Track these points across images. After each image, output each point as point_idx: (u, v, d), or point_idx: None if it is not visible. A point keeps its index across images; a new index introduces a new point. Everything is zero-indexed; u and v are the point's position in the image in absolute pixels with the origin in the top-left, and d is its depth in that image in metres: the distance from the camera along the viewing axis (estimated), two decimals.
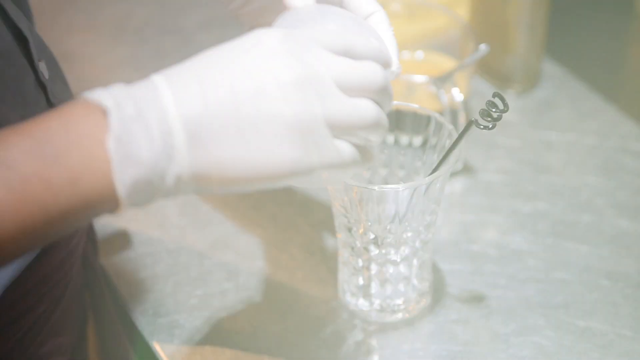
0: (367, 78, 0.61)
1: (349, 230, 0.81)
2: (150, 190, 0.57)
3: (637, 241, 0.92)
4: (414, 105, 0.83)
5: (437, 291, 0.88)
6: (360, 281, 0.84)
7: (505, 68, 1.07)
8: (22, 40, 0.68)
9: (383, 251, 0.82)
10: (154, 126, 0.56)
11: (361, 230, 0.81)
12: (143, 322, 0.87)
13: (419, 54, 1.05)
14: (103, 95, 0.57)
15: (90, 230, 0.87)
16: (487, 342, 0.84)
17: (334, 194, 0.80)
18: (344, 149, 0.61)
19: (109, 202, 0.57)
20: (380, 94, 0.62)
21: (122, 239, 0.94)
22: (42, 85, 0.70)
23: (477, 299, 0.87)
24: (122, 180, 0.56)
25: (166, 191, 0.58)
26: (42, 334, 0.76)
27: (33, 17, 0.74)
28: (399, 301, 0.85)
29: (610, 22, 1.20)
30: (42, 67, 0.70)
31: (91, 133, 0.56)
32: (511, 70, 1.07)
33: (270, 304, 0.88)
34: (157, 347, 0.85)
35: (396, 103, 0.83)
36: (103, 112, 0.56)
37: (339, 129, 0.60)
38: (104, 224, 0.96)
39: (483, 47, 0.96)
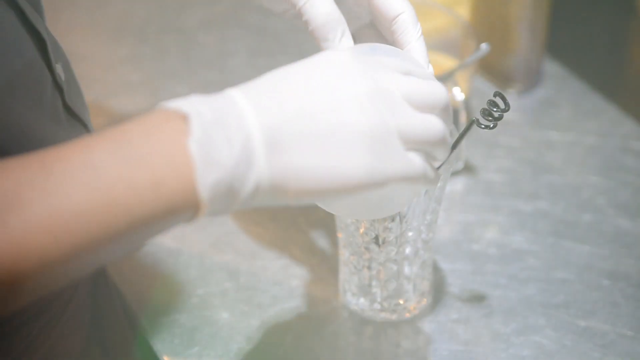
0: (434, 94, 0.63)
1: (350, 229, 0.81)
2: (230, 195, 0.57)
3: (638, 241, 0.92)
4: None
5: (438, 291, 0.88)
6: (361, 280, 0.84)
7: (506, 67, 1.07)
8: (40, 42, 0.68)
9: (384, 250, 0.81)
10: (234, 131, 0.57)
11: (362, 230, 0.81)
12: (143, 321, 0.87)
13: None
14: (181, 103, 0.57)
15: None
16: (488, 341, 0.84)
17: None
18: (416, 161, 0.62)
19: (190, 207, 0.57)
20: (444, 112, 0.64)
21: None
22: (58, 88, 0.70)
23: (477, 299, 0.87)
24: (205, 182, 0.56)
25: (244, 198, 0.58)
26: (52, 336, 0.75)
27: (45, 17, 0.74)
28: (400, 300, 0.85)
29: (610, 22, 1.20)
30: (59, 69, 0.71)
31: (172, 138, 0.56)
32: (512, 70, 1.07)
33: (270, 303, 0.88)
34: (157, 347, 0.85)
35: None
36: (183, 118, 0.56)
37: (410, 142, 0.61)
38: None
39: (484, 46, 0.96)
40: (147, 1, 1.25)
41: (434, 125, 0.63)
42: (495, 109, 0.70)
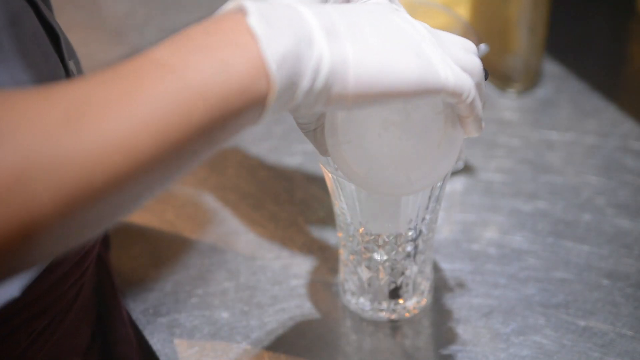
0: (474, 62, 0.65)
1: (350, 229, 0.81)
2: (295, 77, 0.56)
3: (638, 241, 0.92)
4: None
5: (438, 290, 0.88)
6: (361, 280, 0.84)
7: (505, 67, 1.07)
8: (53, 37, 0.68)
9: (383, 250, 0.81)
10: (291, 15, 0.56)
11: (361, 229, 0.81)
12: (143, 321, 0.87)
13: None
14: (236, 2, 0.57)
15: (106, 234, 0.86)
16: (488, 341, 0.84)
17: (334, 193, 0.80)
18: (464, 76, 0.62)
19: (261, 88, 0.55)
20: (480, 84, 0.65)
21: (123, 236, 0.94)
22: None
23: (477, 299, 0.87)
24: (271, 54, 0.55)
25: (306, 85, 0.56)
26: (56, 334, 0.75)
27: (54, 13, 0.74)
28: (400, 300, 0.85)
29: (610, 22, 1.20)
30: (72, 65, 0.70)
31: (232, 25, 0.55)
32: (511, 70, 1.07)
33: (270, 303, 0.88)
34: (158, 347, 0.85)
35: None
36: (239, 12, 0.56)
37: (455, 62, 0.63)
38: None
39: (483, 47, 0.96)
40: (147, 1, 1.25)
41: (477, 61, 0.64)
42: None
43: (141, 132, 0.52)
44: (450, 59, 0.62)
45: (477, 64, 0.64)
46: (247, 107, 0.56)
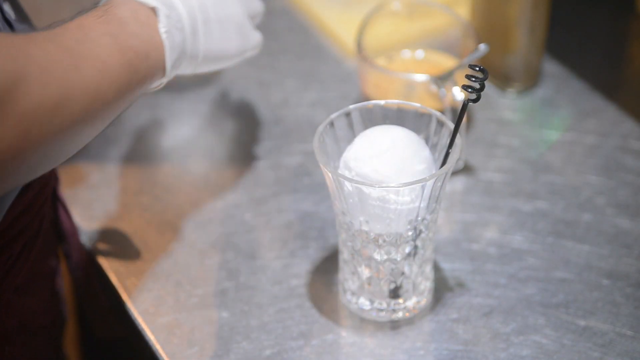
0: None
1: (349, 229, 0.81)
2: (177, 65, 0.81)
3: (638, 240, 0.92)
4: (414, 104, 0.83)
5: (438, 290, 0.88)
6: (361, 280, 0.84)
7: (505, 67, 1.07)
8: None
9: (383, 250, 0.81)
10: (178, 22, 0.80)
11: (362, 229, 0.81)
12: (144, 321, 0.87)
13: (420, 53, 1.05)
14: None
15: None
16: (488, 341, 0.84)
17: (334, 193, 0.80)
18: (258, 35, 0.91)
19: (159, 75, 0.79)
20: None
21: (119, 237, 0.94)
22: (8, 24, 0.78)
23: (477, 298, 0.87)
24: (170, 59, 0.79)
25: (183, 66, 0.82)
26: (30, 259, 0.85)
27: None
28: (400, 300, 0.85)
29: (610, 22, 1.20)
30: (7, 7, 0.78)
31: (150, 24, 0.77)
32: (511, 70, 1.07)
33: (270, 303, 0.88)
34: (158, 347, 0.85)
35: (397, 102, 0.83)
36: (152, 10, 0.78)
37: (252, 18, 0.90)
38: (106, 224, 0.96)
39: (482, 46, 0.96)
40: None
41: (260, 3, 0.93)
42: (474, 79, 0.75)
43: (68, 101, 0.69)
44: (252, 8, 0.90)
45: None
46: (147, 87, 0.79)
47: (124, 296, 0.89)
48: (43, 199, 0.86)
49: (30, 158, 0.66)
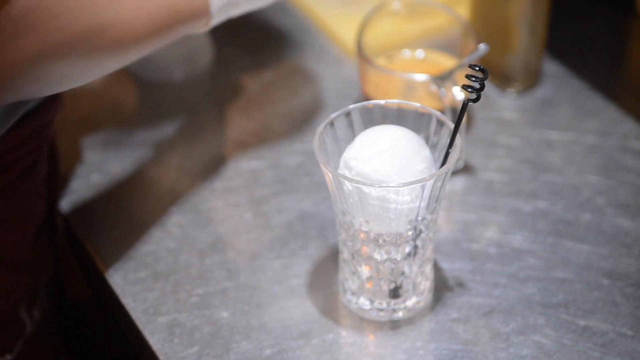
0: None
1: (349, 229, 0.81)
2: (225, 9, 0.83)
3: (638, 240, 0.92)
4: (414, 104, 0.83)
5: (438, 290, 0.88)
6: (361, 280, 0.84)
7: (505, 67, 1.07)
8: None
9: (383, 250, 0.82)
10: None
11: (361, 229, 0.81)
12: (143, 320, 0.87)
13: (420, 53, 1.05)
14: None
15: (53, 133, 0.94)
16: (488, 341, 0.84)
17: (334, 193, 0.80)
18: None
19: (204, 16, 0.81)
20: None
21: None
22: None
23: (477, 298, 0.87)
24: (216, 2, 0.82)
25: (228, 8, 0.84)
26: (17, 193, 0.86)
27: None
28: (400, 300, 0.85)
29: (610, 21, 1.20)
30: None
31: None
32: (511, 69, 1.07)
33: (270, 303, 0.88)
34: (157, 346, 0.85)
35: (397, 102, 0.83)
36: None
37: None
38: (104, 222, 0.96)
39: (482, 46, 0.96)
40: None
41: None
42: (474, 79, 0.75)
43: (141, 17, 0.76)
44: None
45: None
46: (191, 26, 0.81)
47: (124, 296, 0.89)
48: (38, 142, 0.87)
49: (50, 73, 0.72)
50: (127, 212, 0.97)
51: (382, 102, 0.83)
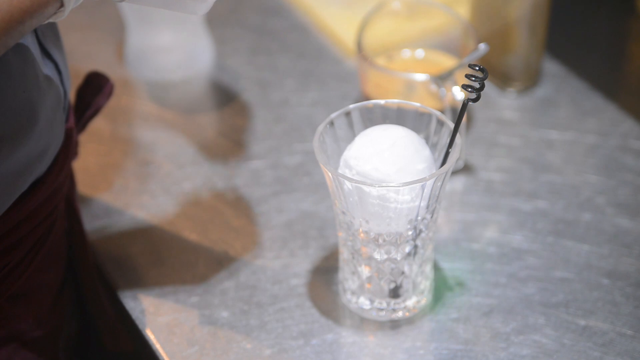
0: None
1: (349, 228, 0.81)
2: None
3: (638, 240, 0.92)
4: (414, 104, 0.83)
5: (438, 290, 0.88)
6: (361, 279, 0.84)
7: (505, 67, 1.07)
8: None
9: (383, 250, 0.81)
10: None
11: (361, 229, 0.81)
12: (144, 320, 0.87)
13: (420, 53, 1.05)
14: None
15: (71, 173, 0.88)
16: (488, 340, 0.84)
17: (334, 192, 0.80)
18: None
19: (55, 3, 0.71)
20: None
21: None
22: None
23: (477, 298, 0.87)
24: None
25: None
26: (30, 268, 0.81)
27: None
28: (400, 300, 0.85)
29: (610, 21, 1.20)
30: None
31: None
32: (511, 69, 1.07)
33: (270, 303, 0.88)
34: (158, 346, 0.85)
35: (397, 101, 0.83)
36: None
37: None
38: (105, 223, 0.96)
39: (482, 46, 0.96)
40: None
41: None
42: (474, 79, 0.76)
43: None
44: None
45: None
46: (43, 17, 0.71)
47: (124, 299, 0.89)
48: (51, 208, 0.82)
49: None
50: (126, 213, 0.96)
51: (382, 101, 0.83)
